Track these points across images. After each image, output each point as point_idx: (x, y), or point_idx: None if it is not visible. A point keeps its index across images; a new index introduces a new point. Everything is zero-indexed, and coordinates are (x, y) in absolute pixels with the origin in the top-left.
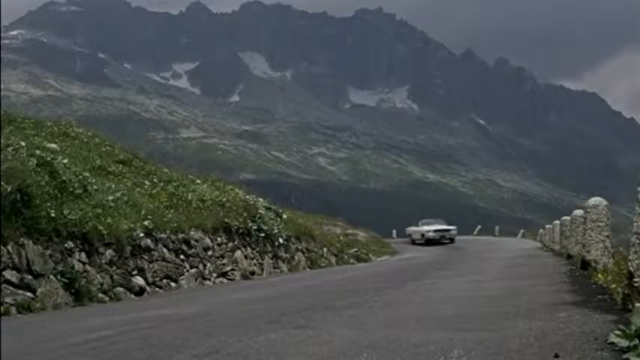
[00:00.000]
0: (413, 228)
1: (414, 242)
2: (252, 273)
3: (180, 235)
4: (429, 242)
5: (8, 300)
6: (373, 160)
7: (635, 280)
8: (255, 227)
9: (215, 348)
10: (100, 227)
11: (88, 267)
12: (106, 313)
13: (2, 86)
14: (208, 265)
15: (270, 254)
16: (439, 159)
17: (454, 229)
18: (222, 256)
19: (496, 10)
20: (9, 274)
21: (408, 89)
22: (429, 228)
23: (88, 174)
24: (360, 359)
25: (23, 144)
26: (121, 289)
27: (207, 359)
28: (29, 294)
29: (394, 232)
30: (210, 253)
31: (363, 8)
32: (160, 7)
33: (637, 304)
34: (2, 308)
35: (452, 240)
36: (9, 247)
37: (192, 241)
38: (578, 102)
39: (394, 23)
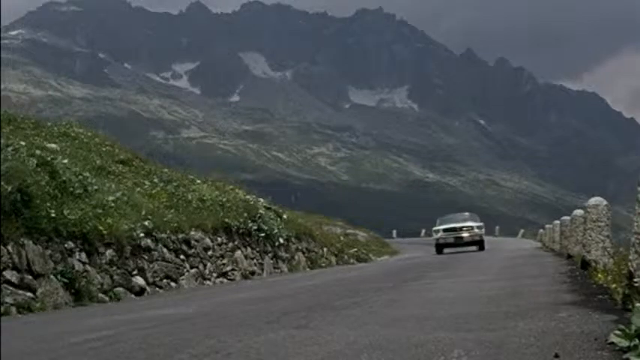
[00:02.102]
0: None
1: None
2: (252, 273)
3: (180, 235)
4: (440, 249)
5: (8, 300)
6: (373, 160)
7: (635, 280)
8: (255, 227)
9: (215, 348)
10: (100, 227)
11: (88, 267)
12: (106, 313)
13: (2, 86)
14: (208, 265)
15: (270, 254)
16: (439, 159)
17: (477, 227)
18: (223, 256)
19: (496, 10)
20: (9, 274)
21: (408, 89)
22: (439, 227)
23: (88, 174)
24: (360, 359)
25: (23, 144)
26: (121, 289)
27: (207, 359)
28: (29, 294)
29: (394, 232)
30: (210, 253)
31: (363, 8)
32: (159, 7)
33: (637, 304)
34: (2, 308)
35: (477, 244)
36: (9, 247)
37: (193, 241)
38: (578, 102)
39: (394, 23)
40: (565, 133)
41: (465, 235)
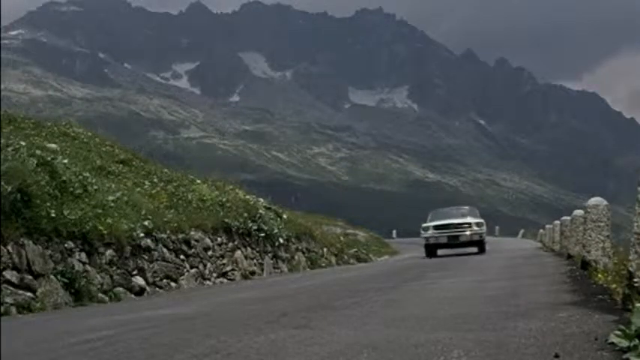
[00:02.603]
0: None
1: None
2: (252, 273)
3: (180, 235)
4: (430, 250)
5: (8, 300)
6: (373, 160)
7: (635, 280)
8: (255, 227)
9: (215, 348)
10: (100, 227)
11: (88, 267)
12: (106, 313)
13: (2, 86)
14: (208, 265)
15: (270, 254)
16: (439, 159)
17: (477, 224)
18: (222, 256)
19: (496, 10)
20: (9, 274)
21: (408, 89)
22: (430, 224)
23: (88, 174)
24: (360, 359)
25: (23, 144)
26: (121, 289)
27: (207, 359)
28: (29, 294)
29: (394, 232)
30: (210, 253)
31: (363, 8)
32: (160, 7)
33: (637, 304)
34: (2, 308)
35: (477, 245)
36: (9, 247)
37: (192, 241)
38: (578, 102)
39: (394, 23)
40: (565, 133)
41: (462, 233)
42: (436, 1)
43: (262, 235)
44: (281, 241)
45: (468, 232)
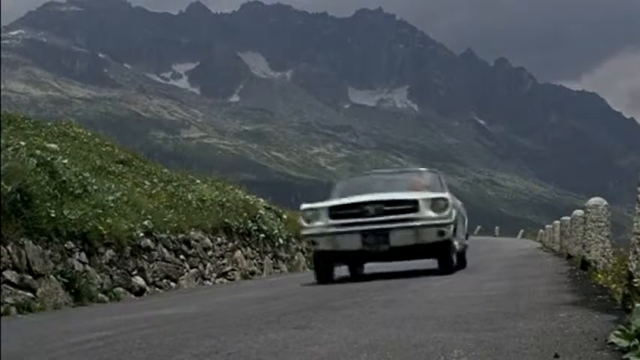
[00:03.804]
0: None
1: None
2: (252, 273)
3: (180, 235)
4: (323, 267)
5: (8, 300)
6: (373, 160)
7: (635, 280)
8: (255, 227)
9: (215, 348)
10: (100, 227)
11: (88, 267)
12: (106, 313)
13: (2, 86)
14: (208, 265)
15: (270, 254)
16: (439, 159)
17: (436, 202)
18: (222, 256)
19: (496, 10)
20: (9, 274)
21: (408, 89)
22: (328, 204)
23: (88, 174)
24: (360, 359)
25: (23, 144)
26: (121, 289)
27: (207, 359)
28: (29, 294)
29: None
30: (210, 253)
31: (363, 8)
32: (159, 7)
33: (637, 304)
34: (2, 308)
35: (437, 252)
36: (9, 247)
37: (192, 241)
38: (578, 102)
39: (394, 23)
40: (565, 133)
41: (399, 227)
42: (436, 1)
43: (262, 235)
44: (281, 241)
45: (416, 223)
